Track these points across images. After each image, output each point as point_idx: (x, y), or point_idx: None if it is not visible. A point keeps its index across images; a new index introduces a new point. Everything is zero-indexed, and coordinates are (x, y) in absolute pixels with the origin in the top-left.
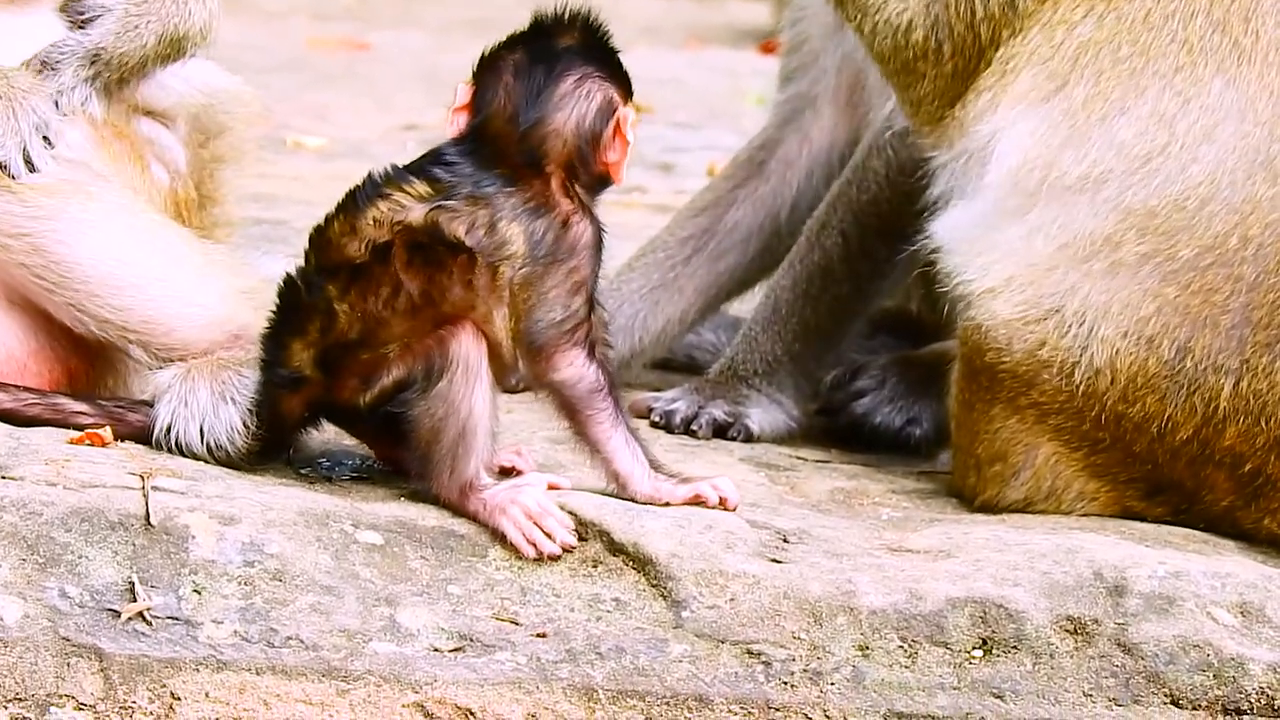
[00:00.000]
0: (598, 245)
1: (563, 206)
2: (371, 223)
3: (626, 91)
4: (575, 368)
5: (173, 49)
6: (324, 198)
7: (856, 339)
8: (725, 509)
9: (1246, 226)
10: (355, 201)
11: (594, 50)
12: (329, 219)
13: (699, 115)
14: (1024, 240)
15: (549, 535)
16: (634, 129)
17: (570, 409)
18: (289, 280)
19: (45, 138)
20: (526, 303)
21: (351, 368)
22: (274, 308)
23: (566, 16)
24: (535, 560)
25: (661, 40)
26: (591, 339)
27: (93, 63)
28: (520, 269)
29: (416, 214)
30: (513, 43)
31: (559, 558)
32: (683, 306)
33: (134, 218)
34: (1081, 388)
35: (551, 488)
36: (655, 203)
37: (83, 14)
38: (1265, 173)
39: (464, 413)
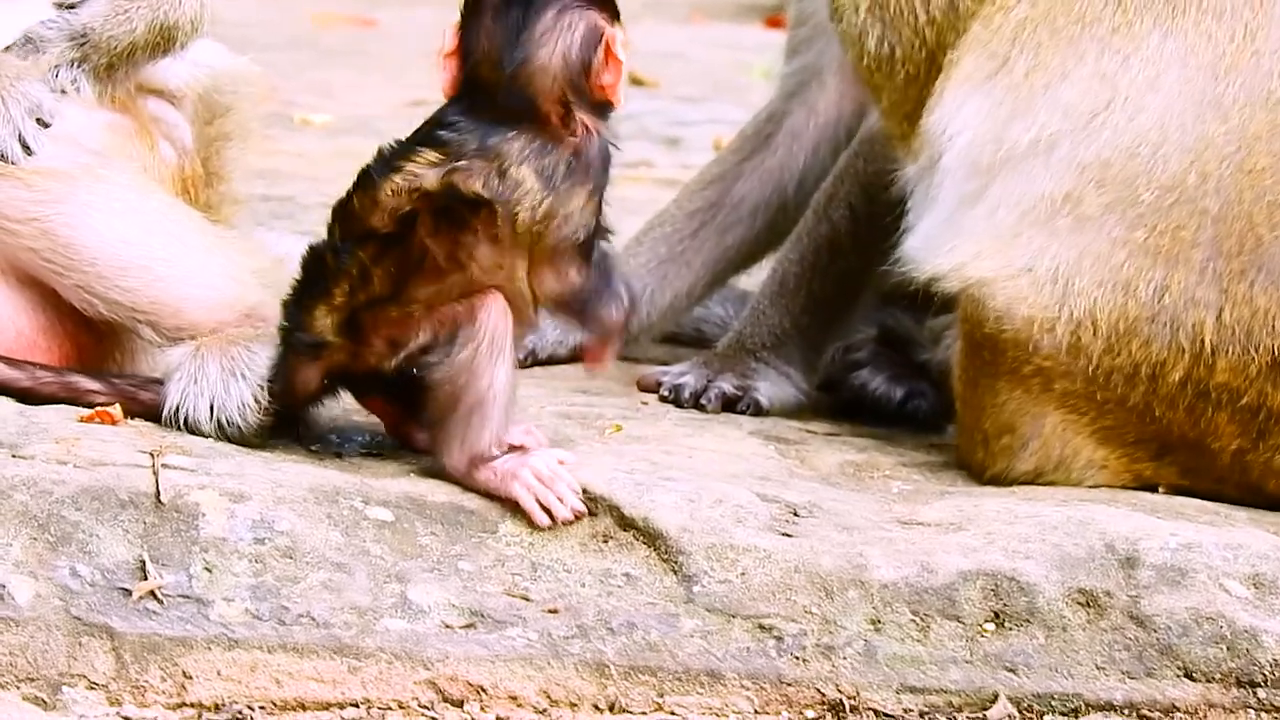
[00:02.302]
0: (606, 161)
1: (568, 139)
2: (390, 194)
3: (612, 12)
4: (581, 275)
5: (162, 38)
6: (331, 174)
7: (866, 311)
8: None
9: (1203, 164)
10: (371, 177)
11: None
12: (348, 195)
13: (704, 89)
14: (987, 218)
15: (560, 500)
16: (624, 47)
17: (571, 313)
18: (313, 251)
19: (40, 120)
20: (551, 228)
21: (379, 330)
22: (297, 278)
23: None
24: (548, 527)
25: (666, 14)
26: (592, 248)
27: (80, 44)
28: (541, 204)
29: (431, 179)
30: None
31: (571, 523)
32: (690, 280)
33: (141, 199)
34: (1065, 343)
35: (560, 463)
36: (662, 177)
37: None
38: (1214, 112)
39: (485, 383)
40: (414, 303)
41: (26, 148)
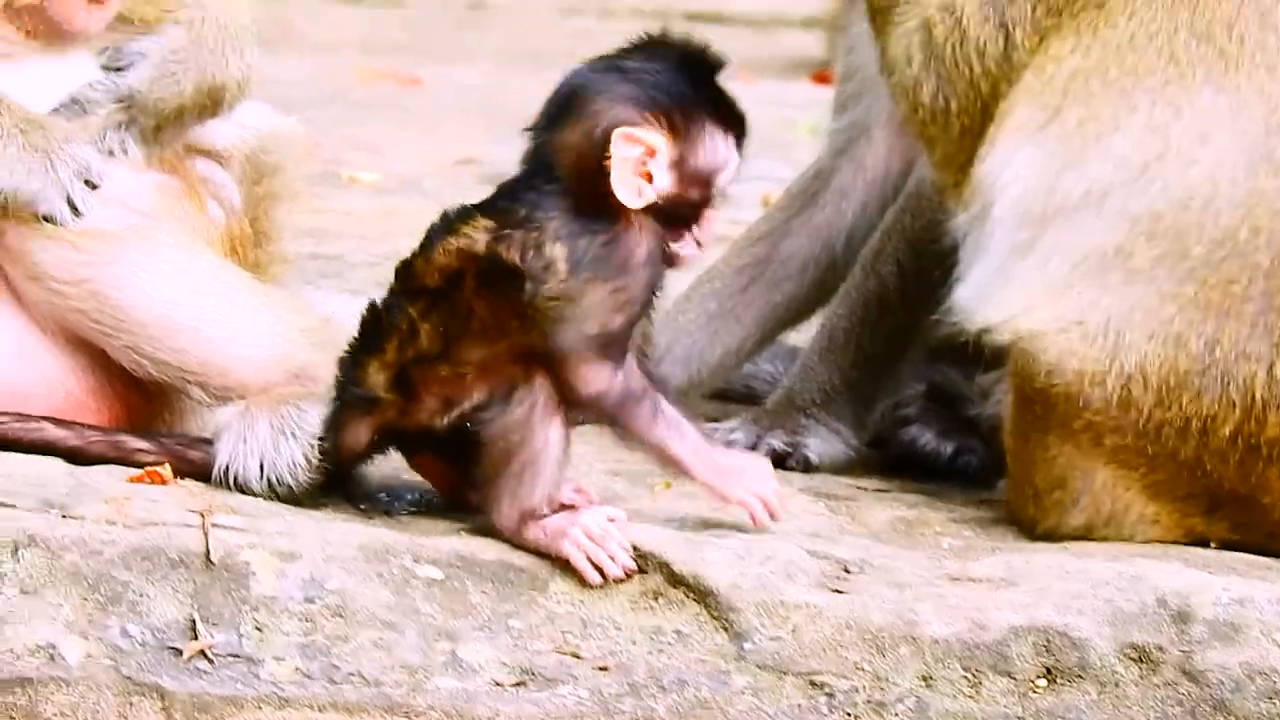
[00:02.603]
0: (651, 262)
1: (612, 224)
2: (442, 253)
3: (667, 121)
4: (601, 381)
5: (210, 100)
6: (378, 232)
7: (916, 367)
8: (767, 515)
9: (1255, 218)
10: (431, 239)
11: (655, 76)
12: (411, 256)
13: (753, 146)
14: (1039, 269)
15: (611, 558)
16: (633, 146)
17: (610, 419)
18: (371, 307)
19: (88, 181)
20: (555, 314)
21: (431, 387)
22: (354, 334)
23: (657, 38)
24: (599, 585)
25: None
26: (623, 351)
27: (128, 107)
28: (560, 283)
29: (480, 244)
30: (605, 58)
31: (622, 581)
32: (740, 336)
33: (190, 259)
34: (1116, 397)
35: (610, 521)
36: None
37: (120, 61)
38: (1266, 165)
39: (539, 442)
40: (465, 363)
41: (75, 209)
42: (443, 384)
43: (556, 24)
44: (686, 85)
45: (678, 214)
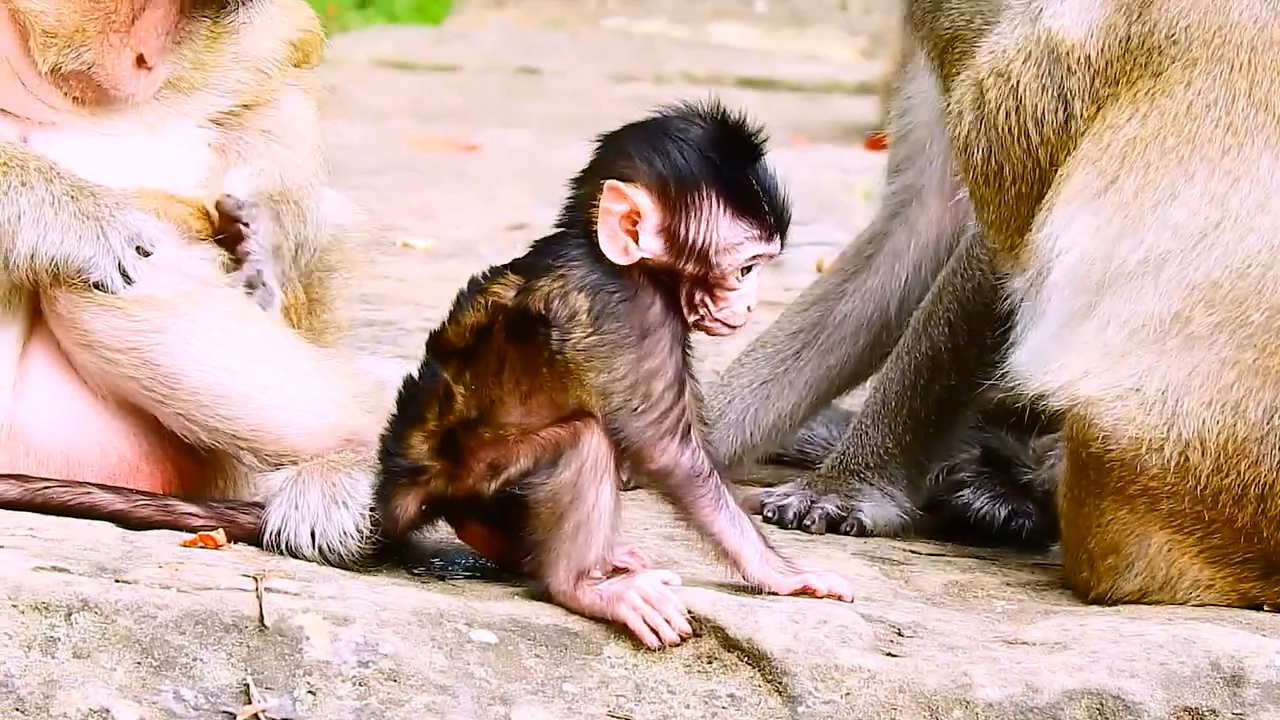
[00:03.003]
0: (669, 325)
1: (634, 281)
2: (472, 311)
3: (665, 190)
4: (669, 456)
5: (298, 251)
6: (433, 298)
7: (969, 431)
8: (837, 600)
9: None
10: (459, 303)
11: (679, 147)
12: (442, 323)
13: (807, 212)
14: (1096, 336)
15: (667, 621)
16: (616, 200)
17: (672, 496)
18: (408, 380)
19: (140, 248)
20: (589, 374)
21: (476, 453)
22: (394, 405)
23: (708, 108)
24: (656, 649)
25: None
26: (685, 423)
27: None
28: (586, 337)
29: (509, 297)
30: (649, 123)
31: (678, 644)
32: (793, 401)
33: (242, 326)
34: (1173, 464)
35: (665, 584)
36: (764, 299)
37: (251, 281)
38: None
39: (589, 504)
40: (506, 425)
41: (126, 277)
42: (487, 448)
43: (608, 90)
44: (698, 157)
45: (683, 284)
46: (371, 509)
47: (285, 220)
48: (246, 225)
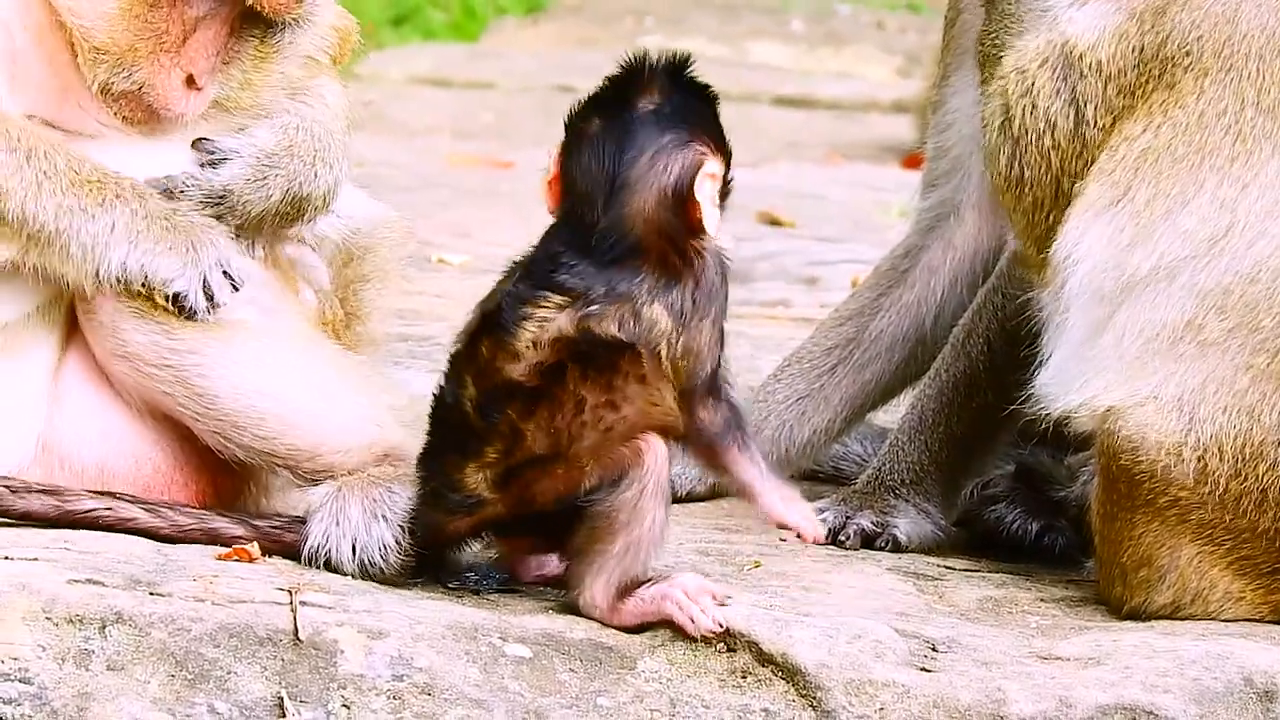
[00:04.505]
0: (725, 278)
1: (685, 271)
2: (530, 346)
3: (711, 142)
4: (710, 410)
5: (294, 209)
6: (468, 315)
7: (1005, 448)
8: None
9: None
10: (502, 325)
11: (671, 107)
12: (473, 341)
13: (842, 229)
14: (1114, 347)
15: (705, 612)
16: (713, 181)
17: (707, 450)
18: (446, 404)
19: (227, 274)
20: (688, 368)
21: (544, 482)
22: (432, 432)
23: (646, 70)
24: (703, 635)
25: (803, 155)
26: (718, 377)
27: (216, 204)
28: (678, 341)
29: (565, 323)
30: (592, 108)
31: (715, 645)
32: (829, 417)
33: (278, 346)
34: (1194, 470)
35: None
36: (799, 316)
37: (213, 154)
38: None
39: (647, 522)
40: (580, 457)
41: (210, 298)
42: (556, 479)
43: None
44: (706, 106)
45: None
46: (411, 525)
47: (287, 162)
48: (212, 164)
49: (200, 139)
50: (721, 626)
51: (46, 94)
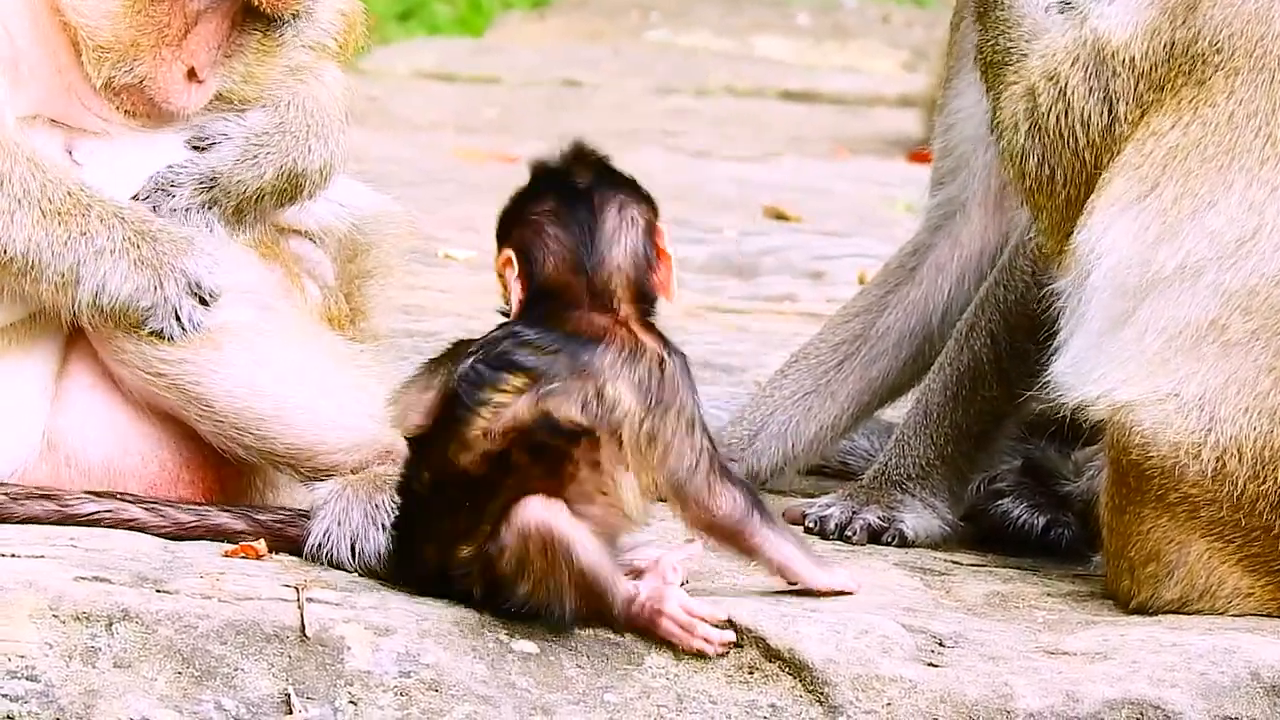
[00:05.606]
0: (688, 373)
1: (650, 346)
2: (481, 435)
3: (653, 206)
4: (725, 498)
5: (290, 186)
6: (472, 309)
7: (1011, 442)
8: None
9: None
10: (456, 416)
11: (610, 175)
12: (433, 438)
13: (848, 224)
14: (1135, 343)
15: (706, 639)
16: (669, 241)
17: (732, 536)
18: (409, 491)
19: (199, 297)
20: (656, 457)
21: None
22: (400, 519)
23: (571, 153)
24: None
25: (809, 150)
26: (721, 463)
27: (209, 188)
28: (641, 425)
29: (523, 408)
30: (534, 195)
31: (723, 655)
32: (835, 412)
33: (276, 346)
34: (1211, 470)
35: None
36: (806, 310)
37: (204, 140)
38: None
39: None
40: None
41: (182, 325)
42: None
43: (651, 102)
44: (624, 175)
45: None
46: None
47: (279, 139)
48: (202, 149)
49: (190, 125)
50: (726, 645)
51: (50, 92)
